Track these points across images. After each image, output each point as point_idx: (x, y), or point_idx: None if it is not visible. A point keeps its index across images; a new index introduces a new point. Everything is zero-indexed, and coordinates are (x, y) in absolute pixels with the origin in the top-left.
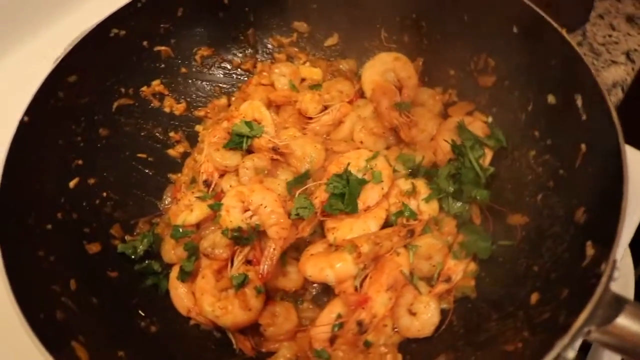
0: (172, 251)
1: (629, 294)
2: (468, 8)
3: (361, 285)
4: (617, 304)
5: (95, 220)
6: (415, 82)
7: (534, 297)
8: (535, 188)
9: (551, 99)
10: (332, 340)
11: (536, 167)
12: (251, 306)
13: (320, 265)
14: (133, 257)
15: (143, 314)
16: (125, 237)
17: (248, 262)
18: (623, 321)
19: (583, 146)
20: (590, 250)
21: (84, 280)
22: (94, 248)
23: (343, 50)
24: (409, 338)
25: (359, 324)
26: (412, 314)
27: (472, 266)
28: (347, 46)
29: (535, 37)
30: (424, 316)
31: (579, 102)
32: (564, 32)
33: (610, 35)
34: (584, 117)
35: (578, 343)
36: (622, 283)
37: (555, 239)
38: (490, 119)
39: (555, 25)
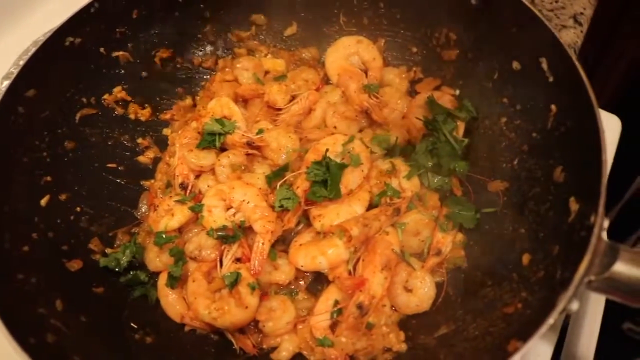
0: (156, 259)
1: None
2: None
3: (354, 269)
4: (613, 252)
5: (72, 237)
6: (380, 63)
7: (526, 258)
8: (510, 154)
9: (516, 65)
10: (333, 327)
11: (508, 133)
12: (247, 304)
13: (311, 254)
14: (117, 270)
15: (136, 327)
16: (106, 251)
17: (237, 260)
18: (620, 267)
19: (553, 107)
20: (574, 206)
21: (69, 300)
22: (75, 265)
23: (303, 38)
24: (408, 315)
25: (359, 307)
26: (409, 290)
27: (460, 236)
28: (307, 34)
29: (493, 6)
30: (421, 291)
31: (545, 65)
32: None
33: (556, 1)
34: (551, 79)
35: (580, 294)
36: None
37: (537, 199)
38: (457, 92)
39: None
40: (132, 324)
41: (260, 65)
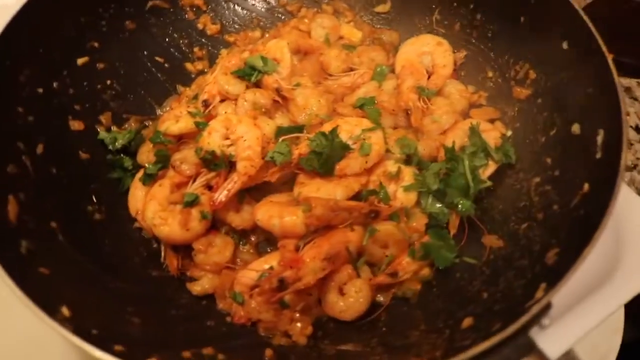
0: (146, 153)
1: None
2: (528, 11)
3: (303, 247)
4: (526, 350)
5: (89, 102)
6: (448, 73)
7: (467, 321)
8: (524, 216)
9: (576, 128)
10: (253, 288)
11: (534, 195)
12: (190, 227)
13: (270, 213)
14: (110, 147)
15: (95, 201)
16: (112, 128)
17: (209, 187)
18: None
19: (586, 186)
20: (539, 293)
21: (52, 149)
22: (76, 125)
23: (391, 20)
24: (329, 316)
25: (280, 281)
26: (342, 293)
27: (426, 271)
28: (396, 17)
29: (582, 60)
30: (352, 300)
31: (600, 139)
32: (610, 59)
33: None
34: (598, 155)
35: None
36: None
37: (519, 272)
38: (509, 133)
39: (606, 52)
40: (93, 197)
41: (337, 28)
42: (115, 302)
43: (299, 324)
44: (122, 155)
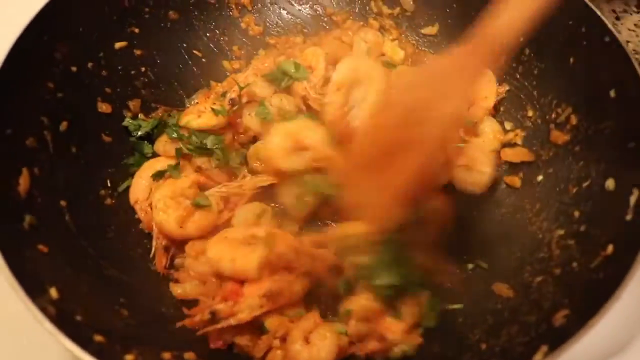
0: (164, 143)
1: None
2: (579, 52)
3: None
4: None
5: (121, 86)
6: (490, 106)
7: None
8: (540, 268)
9: (610, 184)
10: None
11: (555, 247)
12: (184, 226)
13: (222, 254)
14: (133, 134)
15: (109, 185)
16: (139, 115)
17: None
18: None
19: (610, 247)
20: (539, 356)
21: (76, 128)
22: (104, 107)
23: (437, 44)
24: None
25: (212, 313)
26: (307, 342)
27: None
28: (442, 42)
29: (628, 111)
30: (315, 349)
31: (633, 199)
32: None
33: None
34: (628, 217)
35: None
36: None
37: (523, 328)
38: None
39: None
40: (107, 181)
41: (380, 44)
42: (108, 290)
43: (279, 352)
44: (145, 142)
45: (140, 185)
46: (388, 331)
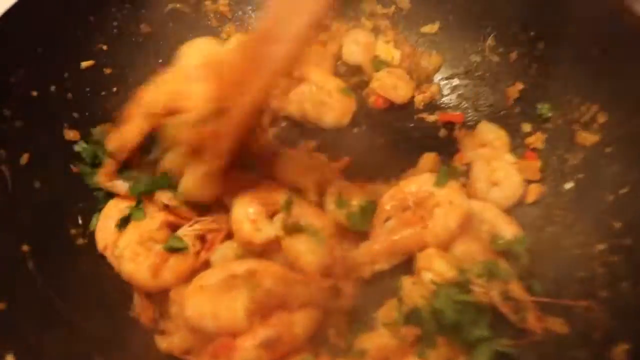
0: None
1: None
2: (602, 42)
3: None
4: None
5: (89, 110)
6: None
7: None
8: (583, 291)
9: None
10: None
11: (598, 265)
12: (159, 276)
13: (201, 309)
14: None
15: (80, 223)
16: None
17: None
18: None
19: None
20: None
21: (39, 160)
22: (72, 135)
23: (438, 42)
24: None
25: None
26: None
27: None
28: (444, 40)
29: None
30: None
31: None
32: None
33: None
34: None
35: None
36: None
37: None
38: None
39: None
40: (79, 218)
41: (372, 45)
42: (81, 347)
43: None
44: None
45: (107, 228)
46: None
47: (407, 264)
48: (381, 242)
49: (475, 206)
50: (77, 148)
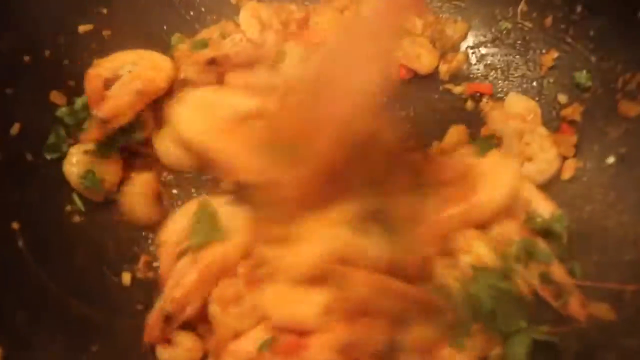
0: None
1: None
2: None
3: None
4: None
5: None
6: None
7: None
8: (630, 274)
9: None
10: None
11: None
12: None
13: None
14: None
15: (76, 199)
16: None
17: None
18: None
19: None
20: None
21: (31, 130)
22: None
23: (464, 9)
24: None
25: None
26: None
27: None
28: (472, 6)
29: None
30: None
31: None
32: None
33: None
34: None
35: None
36: None
37: (623, 355)
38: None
39: None
40: (74, 195)
41: None
42: (76, 337)
43: None
44: None
45: (178, 225)
46: None
47: None
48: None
49: None
50: (58, 113)
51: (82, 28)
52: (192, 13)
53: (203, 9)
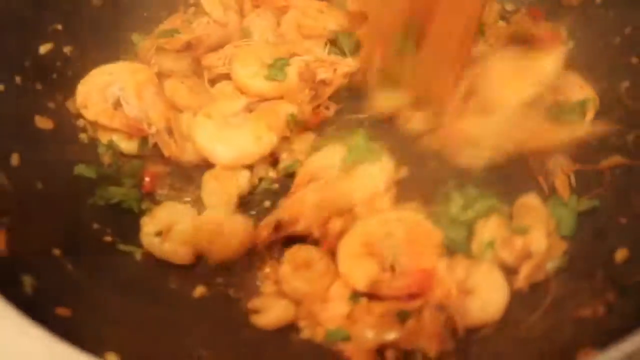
0: None
1: None
2: None
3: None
4: None
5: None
6: None
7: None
8: None
9: None
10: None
11: None
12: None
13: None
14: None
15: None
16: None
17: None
18: None
19: None
20: None
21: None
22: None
23: None
24: None
25: (440, 308)
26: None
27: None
28: None
29: None
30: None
31: None
32: None
33: None
34: None
35: None
36: None
37: None
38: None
39: None
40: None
41: None
42: (170, 336)
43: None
44: None
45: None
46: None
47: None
48: None
49: None
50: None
51: (43, 48)
52: (145, 14)
53: (155, 7)
